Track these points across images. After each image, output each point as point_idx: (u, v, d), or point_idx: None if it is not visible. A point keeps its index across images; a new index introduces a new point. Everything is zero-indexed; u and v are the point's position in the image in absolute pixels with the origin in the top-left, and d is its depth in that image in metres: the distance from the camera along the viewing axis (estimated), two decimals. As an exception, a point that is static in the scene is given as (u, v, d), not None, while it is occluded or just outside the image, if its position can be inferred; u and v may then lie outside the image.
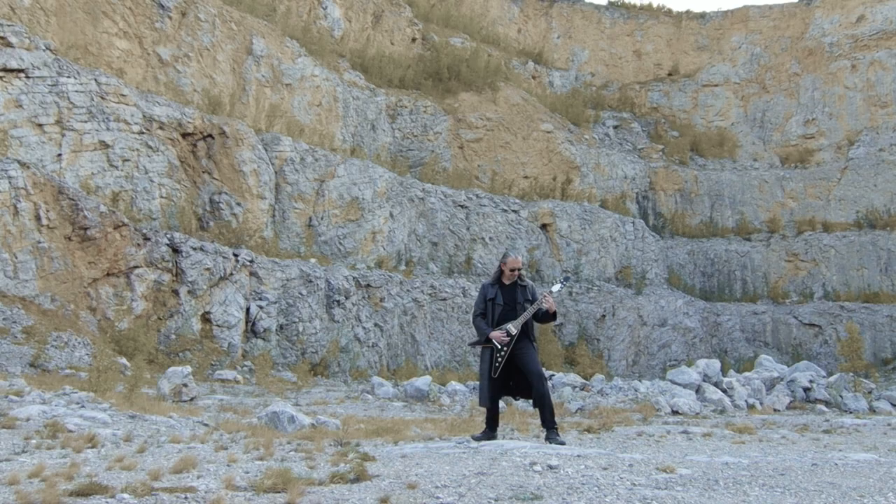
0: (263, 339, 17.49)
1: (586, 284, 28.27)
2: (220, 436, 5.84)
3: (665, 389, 10.53)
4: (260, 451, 5.23)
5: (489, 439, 6.28)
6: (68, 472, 4.13)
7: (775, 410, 10.98)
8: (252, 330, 17.48)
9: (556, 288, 6.49)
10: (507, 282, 6.48)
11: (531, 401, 6.33)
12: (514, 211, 28.60)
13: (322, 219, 23.00)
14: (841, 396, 12.00)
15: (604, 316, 27.28)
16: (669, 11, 41.36)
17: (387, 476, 4.07)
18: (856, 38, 35.56)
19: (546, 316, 6.34)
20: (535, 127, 31.94)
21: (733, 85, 38.57)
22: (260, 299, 17.95)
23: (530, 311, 6.22)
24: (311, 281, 19.51)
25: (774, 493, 3.48)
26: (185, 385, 8.98)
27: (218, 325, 16.42)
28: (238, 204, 20.75)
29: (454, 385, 12.47)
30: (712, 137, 37.07)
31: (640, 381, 12.43)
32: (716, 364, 11.89)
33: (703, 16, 40.62)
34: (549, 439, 6.08)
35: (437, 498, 3.44)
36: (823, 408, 11.49)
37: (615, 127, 36.64)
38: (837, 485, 3.66)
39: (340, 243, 23.35)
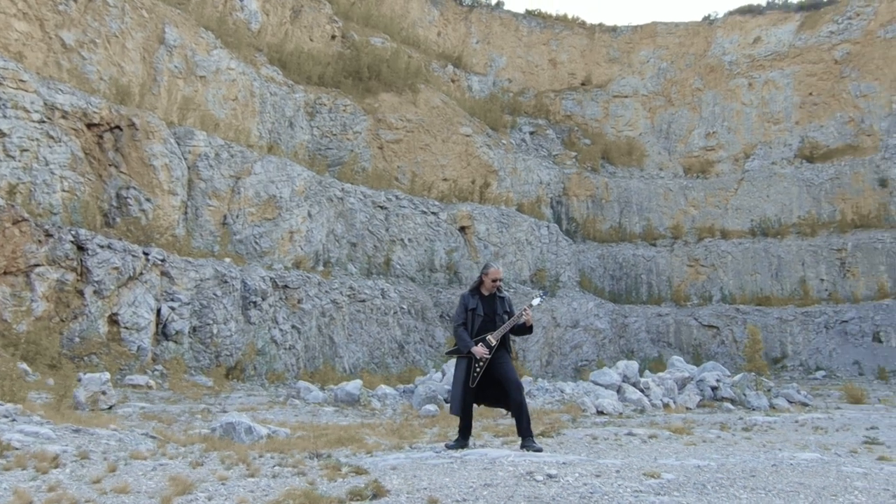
0: (175, 341, 16.74)
1: (503, 287, 28.75)
2: (175, 449, 5.53)
3: (589, 390, 10.90)
4: (240, 466, 5.00)
5: (462, 447, 6.32)
6: (59, 499, 3.80)
7: (687, 409, 11.58)
8: (163, 332, 16.69)
9: (535, 301, 6.64)
10: (486, 292, 6.57)
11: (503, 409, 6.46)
12: (434, 213, 28.75)
13: (237, 217, 22.28)
14: (745, 395, 12.79)
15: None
16: (583, 23, 42.79)
17: (401, 491, 4.00)
18: (752, 58, 38.04)
19: (523, 328, 6.49)
20: (454, 130, 32.22)
21: (641, 97, 40.35)
22: (172, 300, 17.17)
23: (509, 323, 6.35)
24: (226, 281, 18.85)
25: (760, 495, 3.67)
26: (104, 393, 8.42)
27: (126, 328, 15.57)
28: (148, 200, 19.76)
29: (384, 389, 12.37)
30: (622, 146, 38.63)
31: (564, 382, 12.79)
32: (634, 365, 12.43)
33: (614, 29, 42.27)
34: (526, 447, 6.17)
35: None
36: (730, 406, 12.21)
37: (531, 133, 37.52)
38: (806, 485, 3.91)
39: (256, 243, 22.70)
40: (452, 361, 13.40)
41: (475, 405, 6.56)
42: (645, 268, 34.36)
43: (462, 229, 29.30)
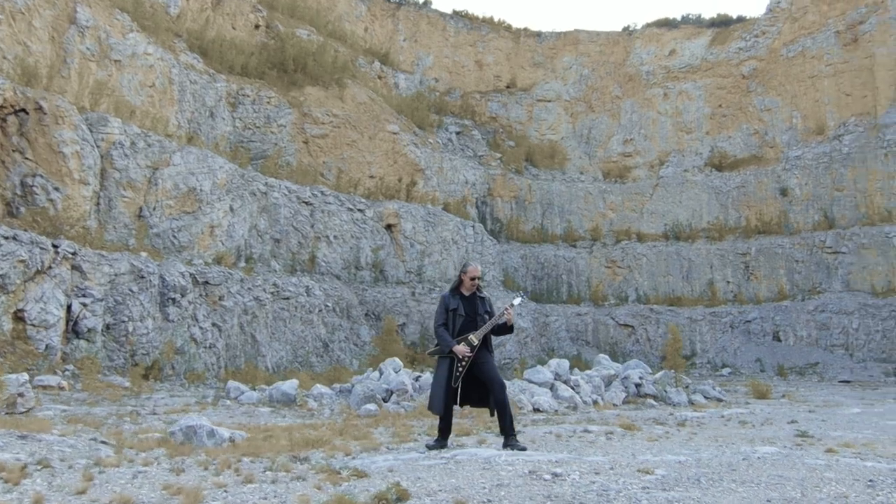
0: (87, 340, 15.79)
1: (429, 285, 28.82)
2: (136, 454, 5.16)
3: (524, 388, 11.07)
4: (228, 472, 4.72)
5: (441, 447, 6.30)
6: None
7: (614, 405, 11.96)
8: (74, 330, 15.71)
9: (516, 301, 6.66)
10: (466, 292, 6.54)
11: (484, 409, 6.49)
12: (360, 210, 28.46)
13: (154, 209, 21.27)
14: (666, 391, 13.33)
15: (444, 316, 27.95)
16: (509, 27, 43.44)
17: (422, 495, 3.88)
18: (668, 69, 39.74)
19: (503, 328, 6.50)
20: (381, 127, 31.99)
21: (564, 102, 41.39)
22: (83, 296, 16.19)
23: (490, 323, 6.34)
24: (143, 277, 17.96)
25: (752, 488, 3.80)
26: (21, 395, 7.78)
27: (33, 325, 14.55)
28: (56, 189, 18.56)
29: (319, 388, 12.09)
30: (545, 149, 39.49)
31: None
32: (565, 363, 12.73)
33: (539, 34, 43.14)
34: (510, 445, 6.17)
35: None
36: (653, 402, 12.70)
37: (457, 133, 37.76)
38: (786, 477, 4.08)
39: (175, 237, 21.75)
40: (390, 361, 13.29)
41: (458, 406, 6.55)
42: (565, 268, 35.27)
43: (388, 227, 29.14)
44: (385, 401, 10.46)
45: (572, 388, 11.56)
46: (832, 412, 11.27)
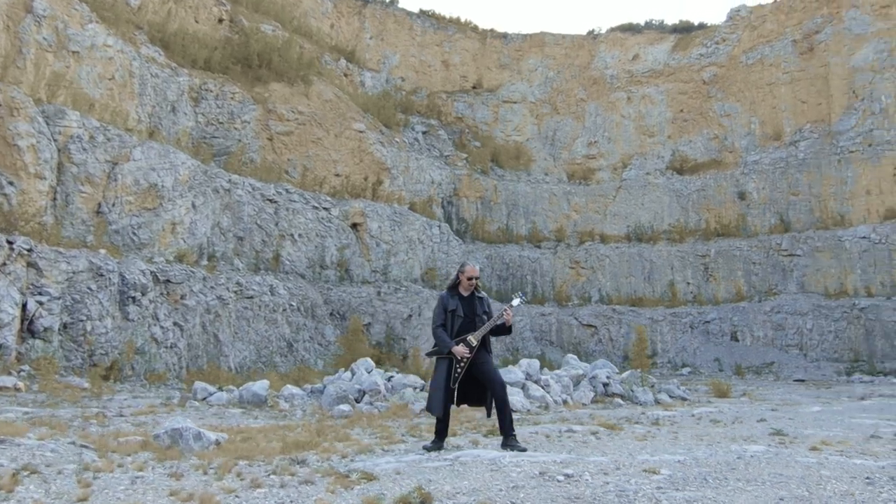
0: (44, 339, 15.27)
1: (394, 285, 28.70)
2: (122, 458, 4.96)
3: (497, 388, 11.07)
4: (230, 476, 4.56)
5: (438, 449, 6.28)
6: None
7: (583, 405, 12.07)
8: (29, 329, 15.18)
9: (515, 302, 6.58)
10: (464, 292, 6.49)
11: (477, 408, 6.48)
12: (325, 208, 28.19)
13: (114, 206, 20.71)
14: (632, 391, 13.51)
15: (410, 316, 27.87)
16: (476, 28, 43.55)
17: (442, 497, 3.81)
18: (631, 73, 40.35)
19: (502, 329, 6.45)
20: (347, 125, 31.73)
21: (529, 103, 41.68)
22: (40, 294, 15.66)
23: (490, 324, 6.31)
24: (102, 275, 17.46)
25: (760, 486, 3.83)
26: (-20, 396, 7.45)
27: (-14, 324, 14.01)
28: (11, 183, 17.92)
29: (290, 389, 11.88)
30: (510, 150, 39.70)
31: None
32: (535, 363, 12.79)
33: (505, 36, 43.35)
34: (509, 446, 6.16)
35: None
36: (620, 401, 12.85)
37: (424, 133, 37.69)
38: (786, 475, 4.14)
39: (135, 234, 21.22)
40: (362, 361, 13.17)
41: (455, 406, 6.51)
42: (530, 268, 35.51)
43: (354, 226, 28.93)
44: (357, 401, 10.35)
45: (543, 388, 11.63)
46: (794, 411, 11.58)
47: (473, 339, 6.25)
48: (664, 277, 35.30)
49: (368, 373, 11.54)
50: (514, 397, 10.19)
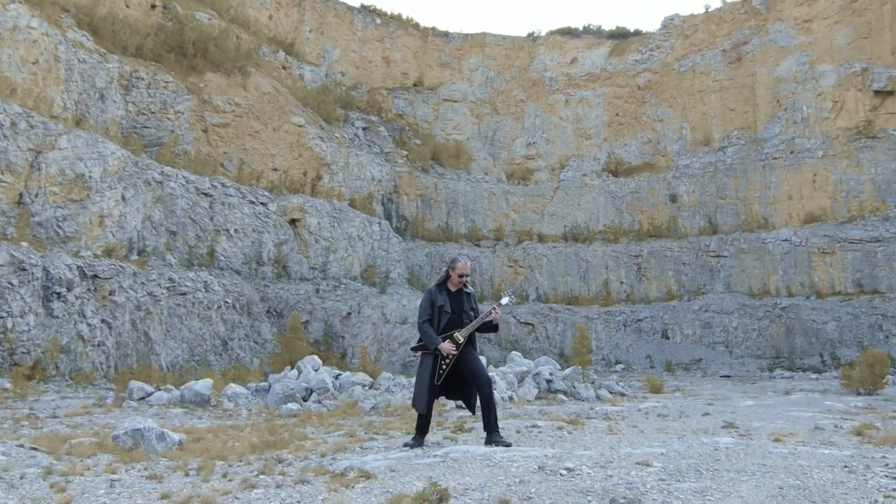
0: (-42, 337, 14.30)
1: (333, 282, 28.31)
2: (83, 461, 4.60)
3: (445, 385, 11.03)
4: (216, 477, 4.28)
5: (419, 445, 6.20)
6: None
7: (528, 401, 12.18)
8: (-58, 326, 14.18)
9: (504, 300, 6.55)
10: (452, 288, 6.38)
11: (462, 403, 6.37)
12: (263, 203, 27.53)
13: (37, 196, 19.61)
14: (574, 387, 13.74)
15: (349, 314, 27.56)
16: (417, 25, 43.43)
17: (460, 494, 3.73)
18: (570, 76, 41.12)
19: (488, 326, 6.38)
20: (286, 119, 31.09)
21: (470, 103, 41.90)
22: (-46, 289, 14.66)
23: (477, 321, 6.23)
24: (24, 269, 16.50)
25: (753, 476, 3.88)
26: None
27: None
28: (-79, 170, 16.73)
29: (234, 388, 11.47)
30: (450, 149, 39.80)
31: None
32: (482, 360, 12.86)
33: (446, 34, 43.42)
34: (494, 441, 6.11)
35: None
36: (563, 397, 13.04)
37: (364, 129, 37.33)
38: (769, 465, 4.22)
39: (60, 226, 20.15)
40: (309, 359, 12.88)
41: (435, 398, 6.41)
42: (469, 267, 35.70)
43: (292, 222, 28.37)
44: (305, 399, 10.11)
45: (489, 385, 11.67)
46: (730, 405, 12.03)
47: (461, 336, 6.19)
48: (599, 277, 36.14)
49: (315, 371, 11.30)
50: (463, 394, 10.20)
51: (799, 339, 30.32)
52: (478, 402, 6.36)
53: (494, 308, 6.46)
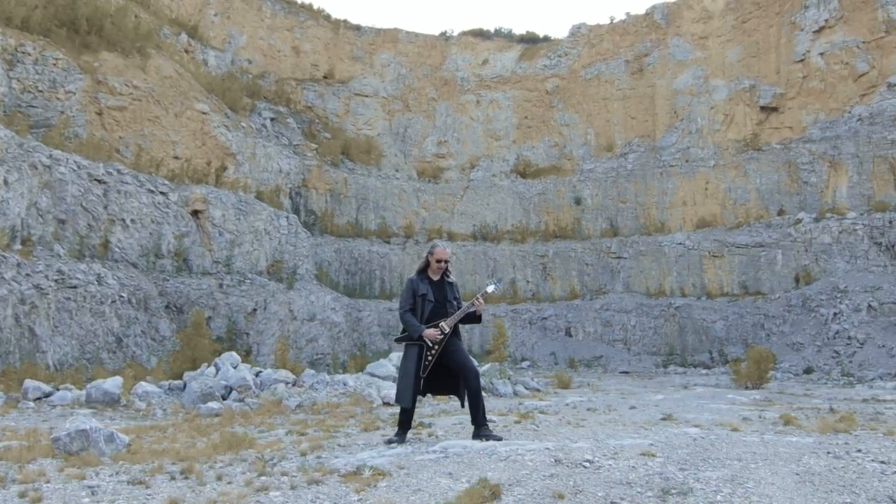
0: None
1: (238, 277, 27.23)
2: (40, 466, 3.97)
3: (370, 382, 10.76)
4: (212, 480, 3.77)
5: (402, 441, 5.99)
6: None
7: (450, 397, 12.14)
8: None
9: (490, 288, 6.28)
10: (434, 276, 6.03)
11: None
12: (163, 193, 26.06)
13: None
14: (492, 383, 13.84)
15: (255, 310, 26.61)
16: (328, 17, 42.59)
17: (512, 490, 3.58)
18: (481, 77, 41.62)
19: (472, 317, 6.09)
20: (189, 105, 29.60)
21: (381, 99, 41.53)
22: None
23: (462, 311, 5.91)
24: None
25: (752, 464, 3.87)
26: None
27: None
28: None
29: (144, 386, 10.63)
30: (361, 144, 39.29)
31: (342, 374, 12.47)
32: (404, 356, 12.68)
33: (359, 28, 42.83)
34: (483, 436, 5.94)
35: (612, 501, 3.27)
36: (483, 393, 13.08)
37: (272, 119, 36.17)
38: (756, 453, 4.28)
39: (-71, 210, 18.21)
40: (227, 355, 12.20)
41: (420, 395, 6.10)
42: (379, 264, 35.38)
43: (195, 213, 27.02)
44: (224, 398, 9.54)
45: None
46: (643, 398, 12.51)
47: (446, 325, 5.96)
48: (506, 275, 36.77)
49: (235, 368, 10.72)
50: (390, 391, 10.00)
51: (691, 336, 32.10)
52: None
53: (478, 297, 6.25)
